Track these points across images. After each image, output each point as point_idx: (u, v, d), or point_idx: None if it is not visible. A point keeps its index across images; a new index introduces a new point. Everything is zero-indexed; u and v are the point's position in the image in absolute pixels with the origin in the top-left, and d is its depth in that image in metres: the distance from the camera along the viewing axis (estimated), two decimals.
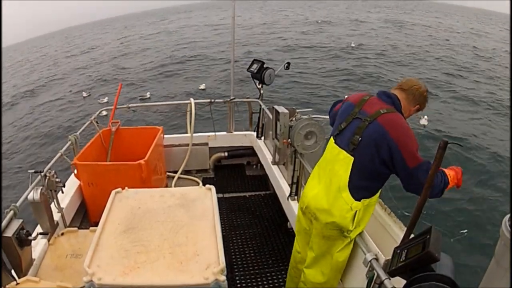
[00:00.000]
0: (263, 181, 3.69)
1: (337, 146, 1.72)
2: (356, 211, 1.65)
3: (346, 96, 1.90)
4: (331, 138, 1.79)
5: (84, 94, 14.34)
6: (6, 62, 29.58)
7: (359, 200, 1.65)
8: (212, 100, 3.75)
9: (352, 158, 1.64)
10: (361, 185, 1.65)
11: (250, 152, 3.92)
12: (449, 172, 1.61)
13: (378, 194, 1.72)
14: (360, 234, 1.72)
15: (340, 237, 1.72)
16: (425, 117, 9.07)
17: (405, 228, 1.45)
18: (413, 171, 1.54)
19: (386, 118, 1.60)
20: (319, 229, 1.77)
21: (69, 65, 22.35)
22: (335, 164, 1.71)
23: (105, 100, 12.67)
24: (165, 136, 3.50)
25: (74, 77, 18.46)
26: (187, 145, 3.61)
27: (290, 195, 2.72)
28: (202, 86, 13.34)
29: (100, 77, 17.20)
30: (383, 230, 1.79)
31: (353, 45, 20.40)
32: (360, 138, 1.62)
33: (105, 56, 23.59)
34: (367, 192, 1.67)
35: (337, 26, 29.90)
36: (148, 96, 12.81)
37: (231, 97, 3.80)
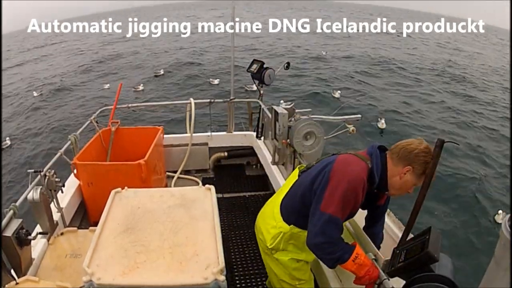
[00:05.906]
0: (263, 181, 3.68)
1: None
2: (281, 232, 1.59)
3: None
4: None
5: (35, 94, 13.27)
6: None
7: (289, 224, 1.59)
8: (212, 100, 3.75)
9: (297, 177, 1.65)
10: (292, 207, 1.59)
11: (249, 152, 3.91)
12: (361, 256, 1.43)
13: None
14: (358, 233, 1.72)
15: (270, 255, 1.68)
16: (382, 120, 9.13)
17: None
18: (317, 213, 1.41)
19: (344, 156, 1.50)
20: (259, 242, 1.79)
21: None
22: (287, 182, 1.75)
23: (107, 86, 12.93)
24: (165, 136, 3.50)
25: None
26: (187, 145, 3.61)
27: None
28: (216, 82, 13.28)
29: None
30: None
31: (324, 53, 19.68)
32: (315, 163, 1.61)
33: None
34: (298, 218, 1.56)
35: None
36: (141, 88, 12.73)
37: (231, 97, 3.80)
